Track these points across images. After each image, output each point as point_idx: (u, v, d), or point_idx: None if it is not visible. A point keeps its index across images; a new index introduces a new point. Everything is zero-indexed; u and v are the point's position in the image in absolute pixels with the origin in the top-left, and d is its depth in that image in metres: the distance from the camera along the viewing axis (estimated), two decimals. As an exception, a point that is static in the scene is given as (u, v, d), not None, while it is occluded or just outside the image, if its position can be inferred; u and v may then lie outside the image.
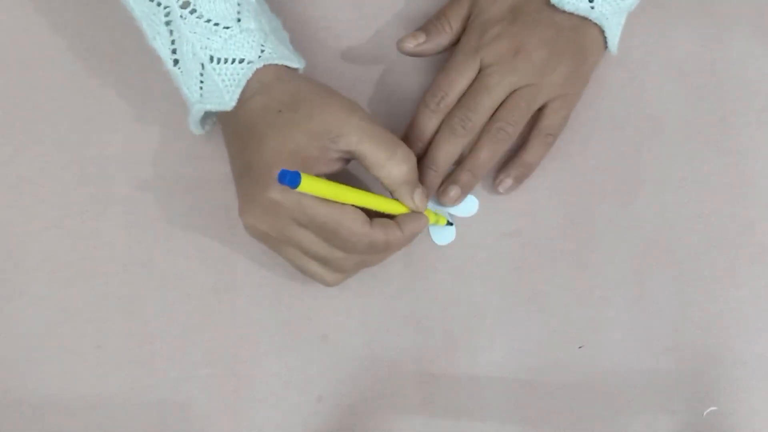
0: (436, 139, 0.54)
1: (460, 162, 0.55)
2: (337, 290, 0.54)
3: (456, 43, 0.55)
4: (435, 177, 0.54)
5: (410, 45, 0.54)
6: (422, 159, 0.54)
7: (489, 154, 0.53)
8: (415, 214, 0.51)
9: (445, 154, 0.53)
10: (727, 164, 0.56)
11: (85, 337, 0.54)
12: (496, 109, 0.53)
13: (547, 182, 0.56)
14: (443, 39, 0.55)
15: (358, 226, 0.48)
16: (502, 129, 0.53)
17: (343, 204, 0.48)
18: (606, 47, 0.55)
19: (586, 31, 0.54)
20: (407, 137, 0.54)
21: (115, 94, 0.57)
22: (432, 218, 0.53)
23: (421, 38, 0.54)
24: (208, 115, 0.54)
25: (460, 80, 0.53)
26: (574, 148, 0.56)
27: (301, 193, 0.46)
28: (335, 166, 0.50)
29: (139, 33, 0.57)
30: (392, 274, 0.55)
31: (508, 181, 0.55)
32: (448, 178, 0.54)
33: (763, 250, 0.55)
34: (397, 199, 0.51)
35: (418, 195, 0.51)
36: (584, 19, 0.53)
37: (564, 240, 0.55)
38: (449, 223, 0.55)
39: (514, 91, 0.53)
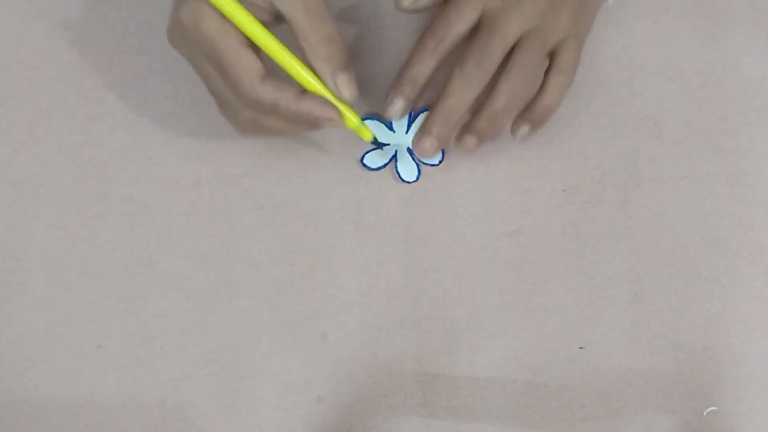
0: (449, 86, 0.52)
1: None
2: (337, 290, 0.55)
3: None
4: (447, 127, 0.52)
5: (407, 2, 0.53)
6: (434, 108, 0.52)
7: (507, 100, 0.52)
8: (323, 102, 0.48)
9: (459, 101, 0.52)
10: (726, 164, 0.56)
11: (85, 337, 0.54)
12: (510, 55, 0.52)
13: (547, 182, 0.56)
14: None
15: (246, 73, 0.46)
16: (521, 72, 0.51)
17: (240, 50, 0.46)
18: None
19: None
20: (400, 77, 0.53)
21: (115, 94, 0.57)
22: (350, 121, 0.49)
23: None
24: None
25: (458, 23, 0.52)
26: (574, 148, 0.56)
27: (201, 21, 0.45)
28: (261, 17, 0.47)
29: (139, 33, 0.58)
30: (392, 274, 0.55)
31: (525, 128, 0.53)
32: (464, 127, 0.53)
33: (763, 250, 0.55)
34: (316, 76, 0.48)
35: (344, 82, 0.48)
36: None
37: (564, 240, 0.55)
38: (376, 142, 0.53)
39: (522, 35, 0.52)
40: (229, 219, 0.56)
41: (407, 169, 0.56)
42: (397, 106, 0.53)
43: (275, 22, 0.48)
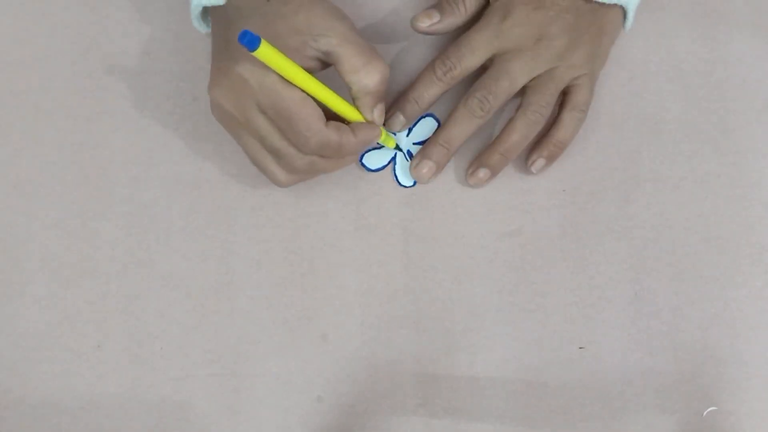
0: (452, 116, 0.54)
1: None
2: (337, 290, 0.55)
3: (468, 22, 0.55)
4: (446, 155, 0.55)
5: (424, 24, 0.54)
6: (435, 135, 0.55)
7: (521, 137, 0.54)
8: (369, 123, 0.52)
9: (460, 132, 0.54)
10: (726, 164, 0.56)
11: (85, 337, 0.54)
12: (525, 93, 0.54)
13: (547, 182, 0.56)
14: (456, 19, 0.55)
15: (314, 120, 0.48)
16: (536, 111, 0.53)
17: (305, 98, 0.48)
18: (623, 26, 0.56)
19: (605, 12, 0.54)
20: (405, 96, 0.55)
21: (115, 94, 0.57)
22: (382, 136, 0.53)
23: (435, 18, 0.54)
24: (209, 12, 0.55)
25: (470, 57, 0.53)
26: (574, 148, 0.56)
27: (266, 74, 0.47)
28: (309, 64, 0.50)
29: (139, 33, 0.58)
30: (392, 274, 0.55)
31: (541, 161, 0.55)
32: (477, 160, 0.55)
33: (763, 249, 0.55)
34: (357, 108, 0.51)
35: (378, 110, 0.52)
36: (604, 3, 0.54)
37: (564, 240, 0.55)
38: (397, 147, 0.56)
39: (536, 76, 0.53)
40: (229, 219, 0.56)
41: (406, 174, 0.56)
42: (396, 121, 0.55)
43: (320, 68, 0.51)
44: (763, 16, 0.58)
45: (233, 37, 0.49)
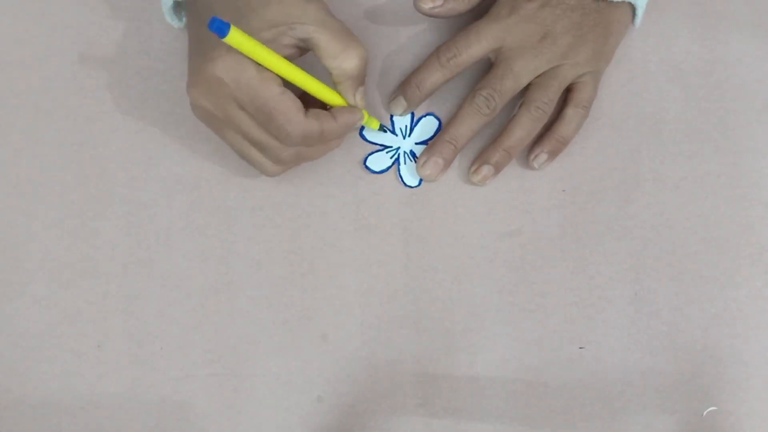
0: (458, 114, 0.55)
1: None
2: (337, 290, 0.55)
3: (470, 16, 0.55)
4: (453, 152, 0.55)
5: (426, 6, 0.55)
6: (442, 132, 0.55)
7: (525, 133, 0.54)
8: (350, 107, 0.52)
9: (467, 129, 0.54)
10: (726, 164, 0.56)
11: (85, 337, 0.54)
12: (528, 90, 0.54)
13: (547, 182, 0.56)
14: (459, 5, 0.55)
15: (293, 113, 0.48)
16: (539, 108, 0.54)
17: (282, 92, 0.48)
18: (632, 23, 0.56)
19: (612, 11, 0.54)
20: (407, 80, 0.55)
21: (115, 94, 0.57)
22: (365, 118, 0.53)
23: (439, 1, 0.55)
24: (182, 7, 0.55)
25: (477, 45, 0.54)
26: (574, 148, 0.56)
27: (240, 72, 0.47)
28: (287, 53, 0.49)
29: (139, 33, 0.58)
30: (392, 274, 0.55)
31: (543, 156, 0.55)
32: (480, 157, 0.55)
33: (763, 250, 0.55)
34: (339, 93, 0.51)
35: (360, 93, 0.52)
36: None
37: (564, 240, 0.55)
38: (382, 128, 0.56)
39: (540, 73, 0.54)
40: (229, 219, 0.56)
41: (410, 173, 0.56)
42: (398, 104, 0.55)
43: (298, 54, 0.50)
44: (763, 16, 0.58)
45: (204, 36, 0.49)
